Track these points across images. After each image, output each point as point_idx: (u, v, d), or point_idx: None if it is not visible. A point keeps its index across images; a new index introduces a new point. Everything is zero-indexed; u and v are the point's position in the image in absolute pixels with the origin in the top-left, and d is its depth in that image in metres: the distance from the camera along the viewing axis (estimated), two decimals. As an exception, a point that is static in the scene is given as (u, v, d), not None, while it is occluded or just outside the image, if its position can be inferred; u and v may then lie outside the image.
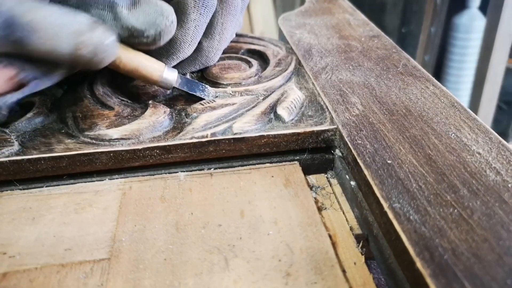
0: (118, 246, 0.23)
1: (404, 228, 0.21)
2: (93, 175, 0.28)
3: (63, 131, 0.29)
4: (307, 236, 0.24)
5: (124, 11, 0.27)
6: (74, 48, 0.25)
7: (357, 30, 0.44)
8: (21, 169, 0.27)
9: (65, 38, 0.25)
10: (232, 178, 0.28)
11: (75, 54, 0.25)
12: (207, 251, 0.23)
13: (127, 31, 0.28)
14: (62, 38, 0.25)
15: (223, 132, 0.29)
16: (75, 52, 0.25)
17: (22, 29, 0.24)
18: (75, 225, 0.25)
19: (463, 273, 0.18)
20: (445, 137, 0.27)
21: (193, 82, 0.33)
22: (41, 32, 0.24)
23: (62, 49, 0.25)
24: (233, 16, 0.34)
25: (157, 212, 0.26)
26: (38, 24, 0.24)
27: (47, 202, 0.27)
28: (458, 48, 1.41)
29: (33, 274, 0.22)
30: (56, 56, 0.25)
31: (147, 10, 0.28)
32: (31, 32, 0.24)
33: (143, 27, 0.27)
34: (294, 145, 0.29)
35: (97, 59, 0.26)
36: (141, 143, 0.28)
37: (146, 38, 0.28)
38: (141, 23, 0.27)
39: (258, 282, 0.21)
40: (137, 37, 0.28)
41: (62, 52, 0.25)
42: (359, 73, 0.35)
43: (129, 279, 0.22)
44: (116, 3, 0.27)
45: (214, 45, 0.34)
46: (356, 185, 0.27)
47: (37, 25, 0.24)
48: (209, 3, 0.31)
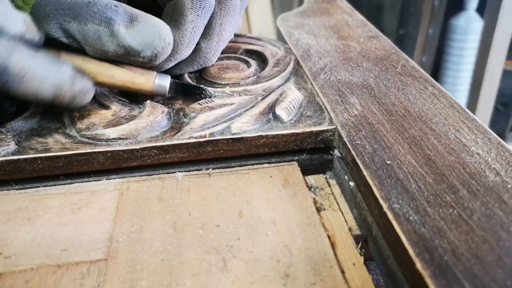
0: (115, 247, 0.23)
1: (403, 229, 0.21)
2: (90, 175, 0.28)
3: (60, 130, 0.29)
4: (305, 237, 0.24)
5: (122, 29, 0.27)
6: (54, 96, 0.27)
7: (355, 31, 0.44)
8: (17, 168, 0.27)
9: (47, 88, 0.26)
10: (230, 179, 0.28)
11: (55, 100, 0.27)
12: (205, 252, 0.23)
13: (123, 49, 0.28)
14: (44, 88, 0.26)
15: (221, 132, 0.28)
16: (54, 99, 0.27)
17: (10, 76, 0.25)
18: (72, 225, 0.25)
19: (463, 274, 0.18)
20: (444, 138, 0.27)
21: (188, 86, 0.32)
22: (27, 83, 0.26)
23: (44, 96, 0.27)
24: (231, 17, 0.33)
25: (155, 212, 0.25)
26: (27, 73, 0.26)
27: (43, 202, 0.27)
28: (455, 49, 1.42)
29: (28, 274, 0.22)
30: (37, 100, 0.27)
31: (145, 30, 0.28)
32: (18, 81, 0.26)
33: (140, 47, 0.28)
34: (293, 146, 0.29)
35: (75, 104, 0.28)
36: (139, 143, 0.28)
37: (142, 58, 0.28)
38: (138, 43, 0.28)
39: (256, 283, 0.21)
40: (133, 56, 0.28)
41: (43, 98, 0.27)
42: (358, 74, 0.35)
43: (126, 279, 0.21)
44: (114, 20, 0.27)
45: (212, 46, 0.34)
46: (355, 186, 0.26)
47: (26, 73, 0.26)
48: (207, 4, 0.31)
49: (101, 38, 0.27)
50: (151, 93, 0.31)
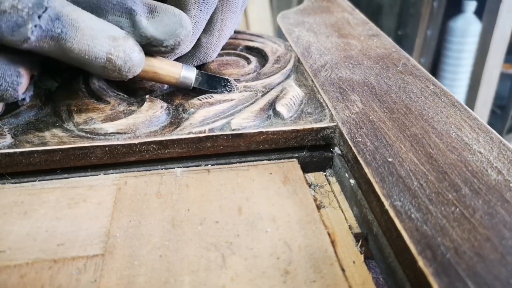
0: (113, 242, 0.23)
1: (405, 227, 0.20)
2: (88, 170, 0.28)
3: (57, 124, 0.29)
4: (306, 234, 0.23)
5: (143, 20, 0.27)
6: (107, 52, 0.26)
7: (356, 29, 0.44)
8: (13, 162, 0.26)
9: (101, 40, 0.26)
10: (230, 175, 0.28)
11: (107, 58, 0.26)
12: (203, 248, 0.22)
13: (145, 40, 0.27)
14: (99, 40, 0.25)
15: (221, 128, 0.28)
16: (107, 56, 0.26)
17: (66, 24, 0.25)
18: (68, 220, 0.24)
19: (465, 272, 0.18)
20: (446, 136, 0.27)
21: (214, 77, 0.32)
22: (82, 31, 0.25)
23: (97, 50, 0.26)
24: (233, 13, 0.33)
25: (153, 208, 0.25)
26: (81, 23, 0.25)
27: (39, 196, 0.26)
28: (453, 52, 1.42)
29: (24, 269, 0.21)
30: (89, 58, 0.26)
31: (166, 20, 0.28)
32: (73, 29, 0.25)
33: (163, 37, 0.28)
34: (293, 142, 0.29)
35: (125, 67, 0.27)
36: (137, 137, 0.27)
37: (164, 48, 0.28)
38: (160, 33, 0.28)
39: (255, 279, 0.21)
40: (155, 46, 0.28)
41: (95, 54, 0.26)
42: (359, 72, 0.35)
43: (124, 275, 0.21)
44: (135, 10, 0.27)
45: (213, 42, 0.34)
46: (355, 183, 0.26)
47: (80, 23, 0.25)
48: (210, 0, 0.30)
49: (123, 29, 0.27)
50: (176, 84, 0.31)
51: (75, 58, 0.26)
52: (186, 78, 0.30)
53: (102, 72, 0.27)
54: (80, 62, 0.26)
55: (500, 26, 1.22)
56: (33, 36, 0.24)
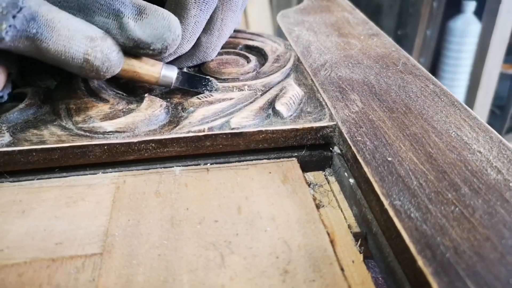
0: (111, 241, 0.23)
1: (405, 226, 0.20)
2: (86, 168, 0.28)
3: (56, 123, 0.29)
4: (305, 233, 0.23)
5: (131, 22, 0.27)
6: (84, 52, 0.25)
7: (356, 29, 0.44)
8: (11, 160, 0.26)
9: (78, 41, 0.25)
10: (229, 174, 0.28)
11: (84, 59, 0.26)
12: (202, 247, 0.22)
13: (132, 42, 0.27)
14: (75, 40, 0.25)
15: (220, 127, 0.28)
16: (84, 56, 0.26)
17: (42, 25, 0.24)
18: (67, 219, 0.24)
19: (465, 271, 0.18)
20: (446, 136, 0.27)
21: (195, 77, 0.32)
22: (58, 32, 0.25)
23: (73, 51, 0.25)
24: (233, 12, 0.33)
25: (152, 206, 0.25)
26: (57, 23, 0.25)
27: (38, 195, 0.26)
28: (452, 52, 1.42)
29: (22, 268, 0.21)
30: (65, 59, 0.25)
31: (154, 22, 0.27)
32: (49, 29, 0.24)
33: (150, 40, 0.27)
34: (293, 141, 0.29)
35: (103, 68, 0.26)
36: (136, 136, 0.27)
37: (151, 51, 0.28)
38: (147, 36, 0.27)
39: (255, 279, 0.21)
40: (142, 48, 0.28)
41: (72, 55, 0.25)
42: (359, 71, 0.35)
43: (122, 274, 0.21)
44: (122, 12, 0.27)
45: (213, 41, 0.33)
46: (355, 183, 0.26)
47: (56, 24, 0.25)
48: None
49: (110, 31, 0.27)
50: (156, 83, 0.30)
51: (51, 58, 0.25)
52: (166, 77, 0.30)
53: (79, 72, 0.27)
54: (57, 62, 0.26)
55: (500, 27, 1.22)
56: (8, 36, 0.23)
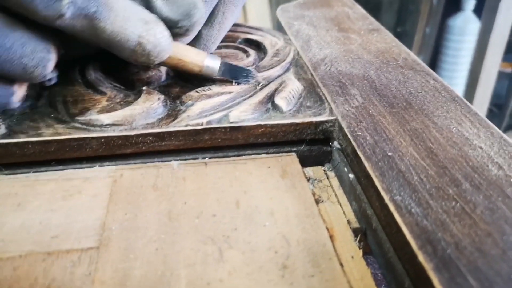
0: (108, 235, 0.22)
1: (405, 221, 0.20)
2: (83, 162, 0.27)
3: (53, 115, 0.28)
4: (304, 228, 0.23)
5: (158, 1, 0.27)
6: (139, 35, 0.25)
7: (356, 23, 0.43)
8: (7, 153, 0.26)
9: (134, 22, 0.25)
10: (227, 168, 0.27)
11: (138, 41, 0.26)
12: (200, 242, 0.22)
13: None
14: (132, 22, 0.25)
15: (219, 121, 0.28)
16: (138, 39, 0.25)
17: (101, 3, 0.24)
18: (63, 212, 0.24)
19: (466, 267, 0.18)
20: (446, 131, 0.26)
21: (236, 68, 0.32)
22: (116, 12, 0.25)
23: (129, 33, 0.25)
24: (235, 6, 0.33)
25: (149, 200, 0.25)
26: (115, 3, 0.25)
27: (33, 188, 0.26)
28: (451, 50, 1.42)
29: (17, 262, 0.21)
30: (120, 40, 0.25)
31: (180, 1, 0.27)
32: (107, 9, 0.24)
33: (178, 17, 0.27)
34: (292, 136, 0.28)
35: (154, 52, 0.26)
36: (134, 129, 0.27)
37: (179, 29, 0.28)
38: (175, 13, 0.27)
39: (253, 274, 0.20)
40: (170, 27, 0.27)
41: (127, 37, 0.25)
42: (359, 66, 0.34)
43: (119, 268, 0.21)
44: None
45: (213, 34, 0.33)
46: (354, 178, 0.26)
47: (114, 4, 0.25)
48: None
49: None
50: (200, 72, 0.30)
51: (106, 39, 0.25)
52: (209, 68, 0.30)
53: (130, 56, 0.26)
54: (110, 44, 0.26)
55: (499, 25, 1.22)
56: (69, 12, 0.23)
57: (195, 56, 0.30)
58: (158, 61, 0.27)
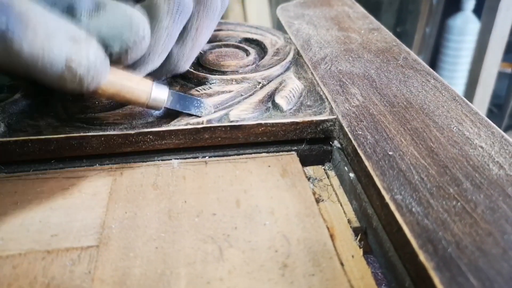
0: (108, 233, 0.22)
1: (406, 220, 0.20)
2: (83, 160, 0.27)
3: (52, 114, 0.28)
4: (304, 227, 0.23)
5: (84, 19, 0.22)
6: (66, 57, 0.21)
7: (356, 23, 0.43)
8: (7, 151, 0.26)
9: (59, 41, 0.20)
10: (228, 167, 0.27)
11: (66, 65, 0.21)
12: (200, 240, 0.22)
13: None
14: (56, 40, 0.20)
15: (219, 120, 0.28)
16: (66, 62, 0.21)
17: (12, 20, 0.19)
18: (63, 210, 0.24)
19: (467, 266, 0.18)
20: (447, 130, 0.26)
21: (186, 98, 0.28)
22: (34, 29, 0.19)
23: (54, 55, 0.20)
24: (210, 20, 0.29)
25: (149, 199, 0.25)
26: (33, 18, 0.19)
27: (33, 186, 0.26)
28: (451, 50, 1.42)
29: (16, 260, 0.21)
30: (42, 65, 0.20)
31: (112, 20, 0.22)
32: (22, 25, 0.19)
33: (105, 41, 0.22)
34: (292, 135, 0.28)
35: (88, 77, 0.21)
36: (134, 128, 0.27)
37: (113, 54, 0.23)
38: (103, 35, 0.22)
39: (253, 272, 0.20)
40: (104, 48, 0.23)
41: (52, 60, 0.20)
42: (359, 65, 0.34)
43: (119, 267, 0.21)
44: (75, 7, 0.22)
45: (185, 53, 0.29)
46: (355, 177, 0.26)
47: (32, 18, 0.19)
48: (185, 8, 0.26)
49: None
50: (144, 103, 0.26)
51: (24, 64, 0.20)
52: (156, 100, 0.26)
53: (56, 82, 0.21)
54: (29, 70, 0.20)
55: (499, 25, 1.22)
56: None
57: (138, 84, 0.25)
58: (93, 87, 0.22)
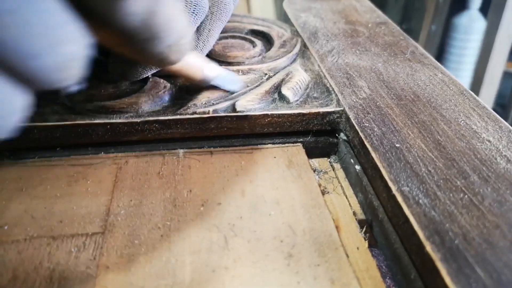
0: (113, 220, 0.22)
1: (413, 212, 0.20)
2: (88, 148, 0.27)
3: (58, 101, 0.28)
4: (310, 218, 0.23)
5: None
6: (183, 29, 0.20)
7: (363, 16, 0.43)
8: (12, 137, 0.26)
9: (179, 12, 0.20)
10: (233, 157, 0.27)
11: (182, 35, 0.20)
12: (206, 229, 0.22)
13: None
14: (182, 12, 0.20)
15: (225, 110, 0.27)
16: (183, 33, 0.20)
17: None
18: (68, 197, 0.24)
19: (474, 258, 0.18)
20: (455, 124, 0.26)
21: (226, 74, 0.29)
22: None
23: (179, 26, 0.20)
24: (222, 22, 0.30)
25: (154, 188, 0.25)
26: None
27: (38, 173, 0.26)
28: (456, 48, 1.41)
29: (21, 245, 0.21)
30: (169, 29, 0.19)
31: None
32: None
33: None
34: (298, 126, 0.28)
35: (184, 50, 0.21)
36: (140, 116, 0.27)
37: None
38: None
39: (258, 262, 0.20)
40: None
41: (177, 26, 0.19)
42: (366, 58, 0.34)
43: (124, 254, 0.21)
44: None
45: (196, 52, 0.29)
46: (361, 169, 0.26)
47: None
48: (200, 10, 0.27)
49: None
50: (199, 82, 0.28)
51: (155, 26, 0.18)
52: (208, 76, 0.28)
53: (163, 51, 0.20)
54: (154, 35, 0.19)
55: (505, 24, 1.21)
56: None
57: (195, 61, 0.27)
58: (179, 60, 0.22)
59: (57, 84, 0.15)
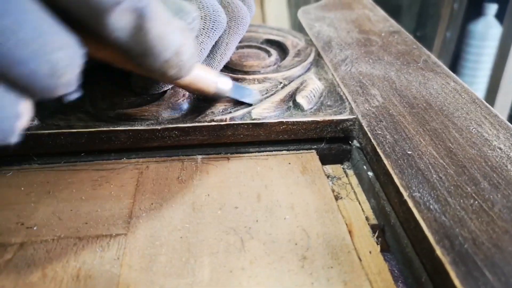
0: (135, 222, 0.24)
1: (424, 217, 0.21)
2: (111, 154, 0.29)
3: (83, 109, 0.29)
4: (323, 222, 0.24)
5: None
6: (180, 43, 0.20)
7: (377, 26, 0.44)
8: (40, 143, 0.27)
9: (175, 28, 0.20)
10: (249, 163, 0.28)
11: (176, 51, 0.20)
12: (223, 232, 0.23)
13: None
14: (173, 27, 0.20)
15: (241, 117, 0.29)
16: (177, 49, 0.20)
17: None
18: (92, 200, 0.25)
19: (483, 262, 0.18)
20: (466, 132, 0.27)
21: (240, 87, 0.30)
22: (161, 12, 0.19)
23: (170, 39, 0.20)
24: (239, 36, 0.31)
25: (174, 192, 0.26)
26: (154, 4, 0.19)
27: (64, 177, 0.27)
28: (472, 55, 1.40)
29: (50, 245, 0.22)
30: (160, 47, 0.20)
31: None
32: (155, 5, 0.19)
33: None
34: (313, 134, 0.29)
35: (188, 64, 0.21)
36: (160, 123, 0.28)
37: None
38: None
39: (274, 263, 0.21)
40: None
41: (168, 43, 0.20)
42: (379, 67, 0.35)
43: (145, 254, 0.22)
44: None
45: (214, 65, 0.30)
46: (373, 176, 0.26)
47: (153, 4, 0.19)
48: (219, 25, 0.28)
49: None
50: (212, 95, 0.28)
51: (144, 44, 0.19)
52: (222, 87, 0.28)
53: (160, 67, 0.21)
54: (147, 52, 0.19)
55: (521, 30, 1.20)
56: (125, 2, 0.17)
57: (208, 75, 0.27)
58: (185, 75, 0.22)
59: (53, 91, 0.17)
